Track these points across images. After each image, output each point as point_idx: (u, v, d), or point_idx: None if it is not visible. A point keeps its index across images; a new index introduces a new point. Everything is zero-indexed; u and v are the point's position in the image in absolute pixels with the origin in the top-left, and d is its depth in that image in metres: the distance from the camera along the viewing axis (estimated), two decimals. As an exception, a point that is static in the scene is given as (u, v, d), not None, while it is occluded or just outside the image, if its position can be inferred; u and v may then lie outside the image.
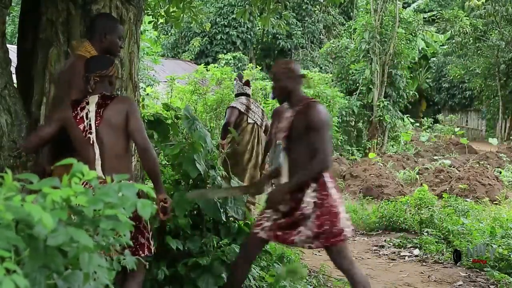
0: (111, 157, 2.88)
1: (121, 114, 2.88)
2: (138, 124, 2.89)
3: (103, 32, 3.21)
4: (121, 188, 1.42)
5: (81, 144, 2.90)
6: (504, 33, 20.97)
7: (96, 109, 2.88)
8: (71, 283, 1.37)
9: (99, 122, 2.87)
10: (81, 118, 2.88)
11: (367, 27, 16.06)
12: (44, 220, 1.20)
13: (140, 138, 2.87)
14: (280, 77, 3.36)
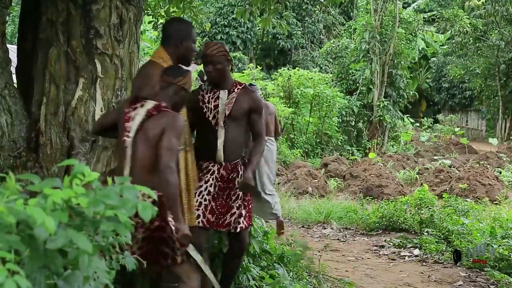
0: (140, 167, 2.79)
1: (159, 129, 2.77)
2: (168, 144, 2.73)
3: (179, 38, 3.18)
4: (122, 190, 1.42)
5: (119, 143, 2.87)
6: (504, 33, 20.97)
7: (143, 115, 2.82)
8: (71, 284, 1.37)
9: (138, 130, 2.80)
10: (129, 117, 2.83)
11: (367, 27, 16.06)
12: (47, 223, 1.20)
13: (162, 158, 2.71)
14: (219, 59, 3.35)
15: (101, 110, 3.43)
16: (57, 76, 3.37)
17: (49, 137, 3.33)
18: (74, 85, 3.40)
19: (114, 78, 3.50)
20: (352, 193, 10.07)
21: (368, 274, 5.29)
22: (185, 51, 3.20)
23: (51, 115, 3.35)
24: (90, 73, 3.42)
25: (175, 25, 3.27)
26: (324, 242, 6.55)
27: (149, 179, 2.73)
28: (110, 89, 3.48)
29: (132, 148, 2.79)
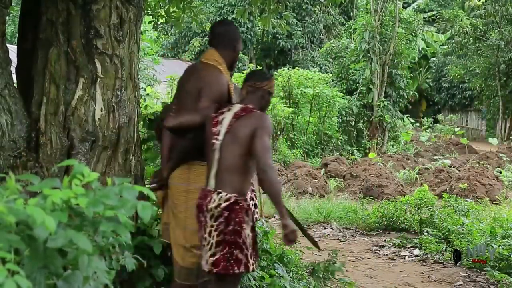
0: (226, 169, 2.82)
1: (249, 128, 2.80)
2: (263, 143, 2.75)
3: (234, 42, 3.21)
4: (122, 190, 1.42)
5: (207, 146, 2.91)
6: (504, 33, 20.96)
7: (231, 118, 2.86)
8: (70, 284, 1.37)
9: (227, 131, 2.84)
10: (217, 121, 2.89)
11: (367, 27, 16.07)
12: (47, 223, 1.20)
13: (261, 157, 2.73)
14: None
15: (101, 110, 3.43)
16: (57, 76, 3.37)
17: (49, 137, 3.32)
18: (74, 85, 3.40)
19: (114, 78, 3.50)
20: (352, 193, 10.07)
21: (368, 274, 5.29)
22: (237, 54, 3.23)
23: (51, 115, 3.34)
24: (90, 73, 3.42)
25: (227, 27, 3.28)
26: (324, 242, 6.55)
27: (234, 180, 2.80)
28: (110, 89, 3.48)
29: (220, 150, 2.83)
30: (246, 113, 2.85)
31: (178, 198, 3.10)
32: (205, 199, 2.81)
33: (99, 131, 3.41)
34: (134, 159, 3.66)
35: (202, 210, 2.81)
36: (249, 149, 2.79)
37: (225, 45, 3.20)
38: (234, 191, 2.80)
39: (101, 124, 3.42)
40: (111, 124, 3.47)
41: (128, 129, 3.57)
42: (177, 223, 3.09)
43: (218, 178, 2.81)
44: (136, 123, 3.71)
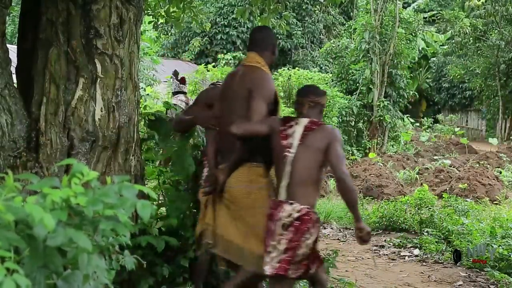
0: (298, 181, 2.96)
1: (323, 141, 2.97)
2: (339, 154, 2.95)
3: (273, 46, 3.39)
4: (121, 189, 1.42)
5: (278, 159, 3.05)
6: (504, 33, 20.96)
7: (302, 131, 3.02)
8: (70, 283, 1.37)
9: (300, 144, 2.99)
10: (286, 135, 3.03)
11: (367, 27, 16.06)
12: (46, 221, 1.20)
13: (337, 167, 2.92)
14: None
15: (101, 110, 3.44)
16: (57, 76, 3.37)
17: (49, 137, 3.33)
18: (74, 85, 3.40)
19: (114, 78, 3.50)
20: (352, 193, 10.05)
21: (368, 274, 5.29)
22: (275, 57, 3.43)
23: (51, 115, 3.34)
24: (90, 73, 3.42)
25: (267, 33, 3.47)
26: (324, 242, 6.54)
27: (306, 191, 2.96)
28: (110, 89, 3.48)
29: (292, 163, 2.97)
30: (317, 127, 3.03)
31: (242, 200, 3.18)
32: (277, 209, 2.97)
33: (99, 131, 3.41)
34: (134, 159, 3.66)
35: (272, 219, 2.96)
36: (322, 162, 2.98)
37: (265, 49, 3.36)
38: (306, 202, 2.97)
39: (101, 124, 3.43)
40: (111, 124, 3.47)
41: (128, 129, 3.57)
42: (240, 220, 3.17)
43: (290, 190, 2.96)
44: (136, 123, 3.71)
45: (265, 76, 3.30)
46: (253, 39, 3.43)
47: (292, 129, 3.04)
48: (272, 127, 3.08)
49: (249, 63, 3.33)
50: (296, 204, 2.93)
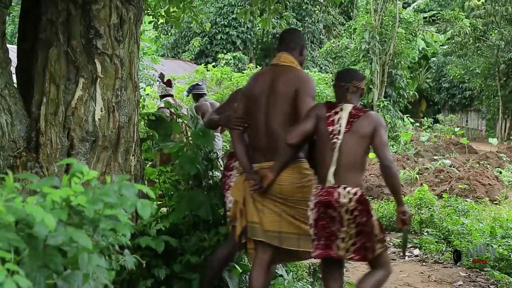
0: (347, 166, 3.06)
1: (369, 127, 3.06)
2: (383, 140, 3.06)
3: (302, 47, 3.56)
4: (121, 188, 1.42)
5: (323, 145, 3.11)
6: (504, 33, 20.97)
7: (347, 117, 3.08)
8: (70, 283, 1.37)
9: (347, 131, 3.06)
10: (332, 121, 3.09)
11: (367, 27, 16.07)
12: (46, 220, 1.20)
13: (383, 154, 3.04)
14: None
15: (101, 110, 3.44)
16: (57, 76, 3.37)
17: (49, 137, 3.33)
18: (74, 85, 3.40)
19: (114, 78, 3.50)
20: (352, 193, 10.05)
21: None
22: (304, 58, 3.59)
23: (51, 115, 3.34)
24: (90, 73, 3.42)
25: (297, 34, 3.63)
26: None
27: (354, 176, 3.08)
28: (110, 89, 3.48)
29: (339, 149, 3.06)
30: (363, 113, 3.11)
31: (295, 194, 3.29)
32: (330, 195, 3.05)
33: (99, 131, 3.41)
34: (134, 159, 3.66)
35: (332, 206, 3.05)
36: (367, 147, 3.09)
37: (292, 49, 3.48)
38: (356, 185, 3.08)
39: (101, 124, 3.43)
40: (111, 124, 3.47)
41: (128, 129, 3.57)
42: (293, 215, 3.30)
43: (339, 175, 3.05)
44: (136, 123, 3.71)
45: (308, 75, 3.50)
46: (283, 40, 3.53)
47: (337, 115, 3.10)
48: (317, 114, 3.15)
49: (285, 63, 3.42)
50: (349, 187, 3.05)
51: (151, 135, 4.13)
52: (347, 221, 3.04)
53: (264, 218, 3.30)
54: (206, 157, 3.92)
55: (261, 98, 3.37)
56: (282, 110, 3.29)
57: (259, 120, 3.37)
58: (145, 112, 4.41)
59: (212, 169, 4.01)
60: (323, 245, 3.08)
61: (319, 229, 3.09)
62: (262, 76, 3.47)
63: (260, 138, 3.37)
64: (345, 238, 3.05)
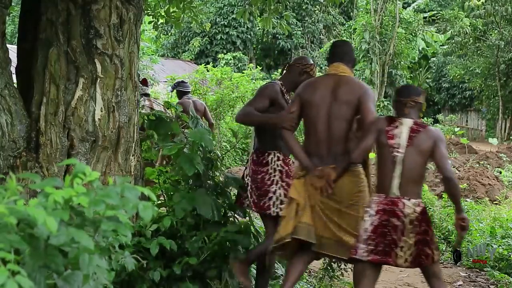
0: (409, 179, 3.22)
1: (429, 142, 3.23)
2: (443, 154, 3.24)
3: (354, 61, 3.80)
4: (124, 189, 1.42)
5: (384, 158, 3.28)
6: (504, 33, 20.96)
7: (408, 132, 3.25)
8: (70, 283, 1.37)
9: (408, 145, 3.22)
10: (392, 135, 3.25)
11: (367, 27, 16.08)
12: (48, 223, 1.20)
13: (444, 167, 3.21)
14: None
15: (101, 110, 3.44)
16: (57, 76, 3.37)
17: (49, 137, 3.33)
18: (74, 85, 3.40)
19: (114, 78, 3.50)
20: (352, 193, 10.04)
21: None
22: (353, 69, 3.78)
23: (51, 115, 3.34)
24: (90, 73, 3.42)
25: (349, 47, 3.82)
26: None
27: (415, 188, 3.25)
28: (110, 89, 3.48)
29: (402, 162, 3.22)
30: (423, 129, 3.27)
31: (351, 198, 3.44)
32: (395, 205, 3.21)
33: (99, 131, 3.41)
34: (134, 159, 3.66)
35: (397, 215, 3.20)
36: (427, 161, 3.28)
37: (348, 61, 3.65)
38: (417, 197, 3.26)
39: (101, 124, 3.43)
40: (111, 124, 3.47)
41: (128, 129, 3.57)
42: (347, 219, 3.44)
43: (403, 187, 3.21)
44: (136, 123, 3.71)
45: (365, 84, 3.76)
46: (339, 52, 3.69)
47: (398, 130, 3.26)
48: (378, 128, 3.30)
49: (343, 73, 3.58)
50: (412, 199, 3.22)
51: (151, 135, 4.13)
52: (408, 231, 3.19)
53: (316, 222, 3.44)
54: (205, 157, 3.92)
55: (322, 105, 3.50)
56: (345, 118, 3.46)
57: (320, 127, 3.50)
58: (145, 112, 4.40)
59: (212, 169, 4.01)
60: (382, 251, 3.20)
61: (378, 235, 3.22)
62: (323, 85, 3.59)
63: (320, 144, 3.50)
64: (403, 247, 3.18)
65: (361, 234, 3.26)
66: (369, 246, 3.23)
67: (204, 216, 3.73)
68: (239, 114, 3.83)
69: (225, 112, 12.75)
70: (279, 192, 3.74)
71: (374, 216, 3.24)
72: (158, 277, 3.43)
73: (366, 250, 3.23)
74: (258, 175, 3.79)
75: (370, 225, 3.24)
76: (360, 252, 3.24)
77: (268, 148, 3.81)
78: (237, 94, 12.80)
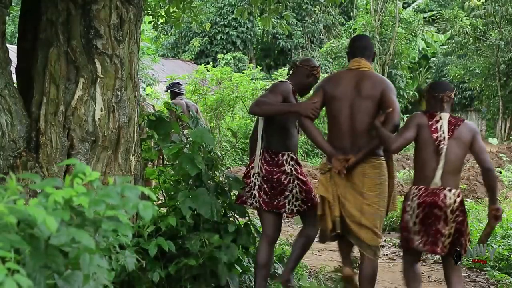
0: (451, 170, 3.41)
1: (469, 135, 3.43)
2: (482, 146, 3.45)
3: (374, 54, 3.85)
4: (124, 189, 1.42)
5: (427, 151, 3.44)
6: (504, 33, 20.96)
7: (448, 125, 3.43)
8: (71, 283, 1.37)
9: (449, 137, 3.40)
10: (435, 128, 3.43)
11: (367, 27, 16.08)
12: (48, 222, 1.20)
13: (484, 158, 3.42)
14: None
15: (101, 110, 3.44)
16: (57, 76, 3.38)
17: (49, 137, 3.33)
18: (74, 85, 3.40)
19: (114, 78, 3.51)
20: (352, 193, 10.04)
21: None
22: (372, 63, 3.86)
23: (51, 115, 3.35)
24: (90, 73, 3.42)
25: (369, 41, 3.88)
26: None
27: (455, 179, 3.44)
28: (110, 89, 3.49)
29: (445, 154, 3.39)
30: (461, 122, 3.47)
31: (372, 189, 3.58)
32: (436, 196, 3.40)
33: (99, 131, 3.41)
34: (134, 159, 3.66)
35: (438, 206, 3.39)
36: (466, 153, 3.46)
37: (368, 56, 3.73)
38: (456, 187, 3.46)
39: (101, 124, 3.43)
40: (111, 124, 3.47)
41: (128, 129, 3.58)
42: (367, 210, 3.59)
43: (444, 178, 3.39)
44: (136, 123, 3.71)
45: (386, 78, 3.82)
46: (359, 47, 3.78)
47: (439, 123, 3.44)
48: (419, 123, 3.47)
49: (365, 68, 3.67)
50: (453, 190, 3.41)
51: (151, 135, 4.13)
52: (450, 220, 3.39)
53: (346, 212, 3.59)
54: (206, 157, 3.91)
55: (346, 99, 3.59)
56: (368, 112, 3.54)
57: (343, 120, 3.59)
58: (145, 112, 4.40)
59: (212, 169, 4.00)
60: (430, 242, 3.43)
61: (426, 227, 3.44)
62: (345, 79, 3.66)
63: (343, 137, 3.60)
64: (445, 236, 3.40)
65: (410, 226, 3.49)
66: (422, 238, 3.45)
67: (204, 216, 3.72)
68: (255, 105, 3.77)
69: (225, 112, 12.75)
70: (295, 190, 3.85)
71: (417, 209, 3.46)
72: (157, 279, 3.43)
73: (420, 241, 3.45)
74: (274, 175, 3.83)
75: (416, 218, 3.47)
76: (416, 244, 3.48)
77: (280, 149, 3.87)
78: (237, 94, 12.81)
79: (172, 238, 3.61)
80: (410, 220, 3.50)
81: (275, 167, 3.84)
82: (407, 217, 3.53)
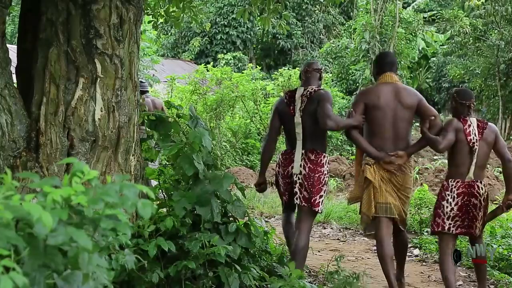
0: (480, 166, 4.08)
1: (493, 135, 4.12)
2: (503, 143, 4.19)
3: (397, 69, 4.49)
4: (122, 187, 1.42)
5: (463, 151, 4.06)
6: (504, 33, 20.94)
7: (477, 129, 4.07)
8: (70, 283, 1.37)
9: (479, 138, 4.04)
10: (469, 132, 4.05)
11: (367, 27, 16.07)
12: (44, 219, 1.20)
13: (505, 153, 4.10)
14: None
15: (101, 110, 3.44)
16: (57, 76, 3.38)
17: (49, 137, 3.33)
18: (74, 85, 3.40)
19: (114, 78, 3.51)
20: (352, 193, 10.04)
21: (368, 274, 5.28)
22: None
23: (51, 115, 3.35)
24: (90, 73, 3.42)
25: (394, 58, 4.59)
26: (324, 242, 6.54)
27: (482, 173, 4.15)
28: (110, 89, 3.49)
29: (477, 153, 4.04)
30: (486, 124, 4.12)
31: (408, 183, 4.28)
32: (473, 188, 4.07)
33: (99, 131, 3.41)
34: (134, 159, 3.66)
35: (475, 195, 4.06)
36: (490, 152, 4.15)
37: (396, 70, 4.40)
38: (484, 180, 4.17)
39: (101, 124, 3.43)
40: (111, 124, 3.48)
41: (128, 129, 3.58)
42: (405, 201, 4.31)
43: (476, 173, 4.06)
44: (136, 123, 3.71)
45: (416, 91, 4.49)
46: (388, 63, 4.39)
47: (470, 127, 4.06)
48: (457, 127, 4.07)
49: (396, 81, 4.31)
50: (483, 182, 4.11)
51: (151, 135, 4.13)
52: (483, 207, 4.06)
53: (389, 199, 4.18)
54: (205, 157, 3.91)
55: (388, 109, 4.19)
56: (407, 119, 4.21)
57: (386, 127, 4.20)
58: (145, 112, 4.40)
59: (212, 169, 4.00)
60: (466, 225, 4.07)
61: (464, 213, 4.07)
62: (384, 92, 4.24)
63: (386, 141, 4.21)
64: (479, 220, 4.07)
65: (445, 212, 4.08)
66: (456, 222, 4.06)
67: (204, 216, 3.72)
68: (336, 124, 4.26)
69: (225, 112, 12.74)
70: (326, 191, 4.42)
71: (456, 198, 4.06)
72: (157, 279, 3.42)
73: (454, 225, 4.07)
74: (316, 174, 4.26)
75: (455, 205, 4.06)
76: (449, 227, 4.08)
77: (322, 150, 4.35)
78: (237, 94, 12.80)
79: (172, 238, 3.61)
80: (449, 207, 4.07)
81: (318, 167, 4.27)
82: (446, 204, 4.08)
